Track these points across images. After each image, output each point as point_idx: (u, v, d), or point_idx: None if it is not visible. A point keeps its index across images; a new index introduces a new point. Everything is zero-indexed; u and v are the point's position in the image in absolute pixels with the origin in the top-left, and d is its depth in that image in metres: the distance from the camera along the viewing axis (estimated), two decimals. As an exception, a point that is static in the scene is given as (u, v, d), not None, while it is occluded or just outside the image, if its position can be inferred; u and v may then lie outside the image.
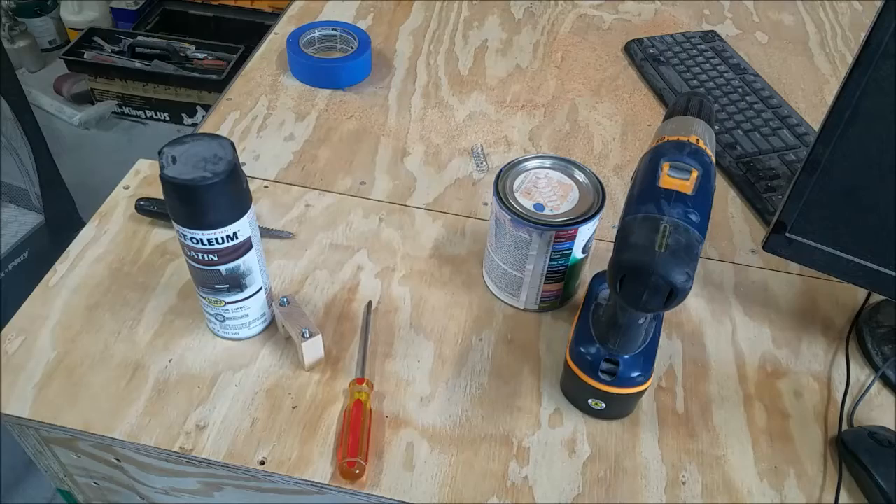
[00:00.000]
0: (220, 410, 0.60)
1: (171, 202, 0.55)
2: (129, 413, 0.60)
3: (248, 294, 0.62)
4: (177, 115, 2.20)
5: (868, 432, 0.60)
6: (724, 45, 1.04)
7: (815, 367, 0.67)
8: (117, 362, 0.63)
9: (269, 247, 0.74)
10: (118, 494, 0.70)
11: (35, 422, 0.60)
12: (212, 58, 2.16)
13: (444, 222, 0.78)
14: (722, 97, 0.95)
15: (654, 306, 0.50)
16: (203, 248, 0.56)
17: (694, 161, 0.54)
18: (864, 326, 0.69)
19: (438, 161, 0.86)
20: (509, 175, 0.66)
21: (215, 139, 0.55)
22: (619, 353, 0.57)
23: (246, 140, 0.87)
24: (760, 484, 0.59)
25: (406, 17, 1.09)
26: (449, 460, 0.58)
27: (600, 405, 0.60)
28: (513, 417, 0.61)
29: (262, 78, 0.96)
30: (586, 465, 0.59)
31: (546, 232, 0.62)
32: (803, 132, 0.89)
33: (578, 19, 1.12)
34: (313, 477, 0.57)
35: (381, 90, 0.96)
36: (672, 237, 0.49)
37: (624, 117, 0.94)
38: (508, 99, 0.95)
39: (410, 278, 0.72)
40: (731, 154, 0.87)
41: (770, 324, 0.70)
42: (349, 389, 0.61)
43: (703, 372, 0.66)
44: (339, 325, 0.67)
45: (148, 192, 0.78)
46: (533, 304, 0.69)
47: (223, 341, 0.65)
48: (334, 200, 0.80)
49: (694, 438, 0.61)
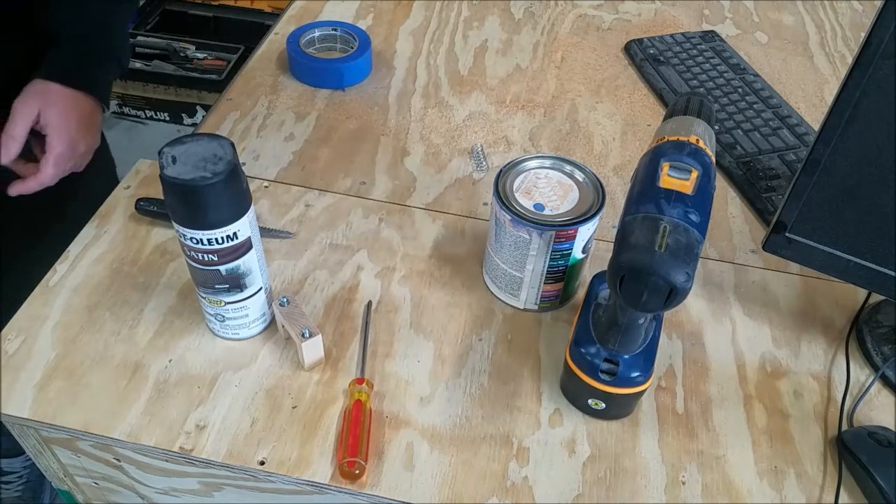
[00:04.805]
0: (220, 410, 0.60)
1: (171, 202, 0.55)
2: (129, 413, 0.60)
3: (248, 294, 0.62)
4: (177, 115, 2.19)
5: (868, 432, 0.60)
6: (724, 45, 1.04)
7: (815, 367, 0.67)
8: (117, 362, 0.63)
9: (269, 247, 0.74)
10: (118, 494, 0.70)
11: (35, 422, 0.60)
12: (212, 58, 2.16)
13: (444, 222, 0.78)
14: (722, 97, 0.95)
15: (654, 306, 0.50)
16: (203, 248, 0.56)
17: (694, 161, 0.54)
18: (864, 326, 0.69)
19: (438, 161, 0.86)
20: (509, 175, 0.66)
21: (215, 139, 0.55)
22: (619, 353, 0.57)
23: (246, 140, 0.87)
24: (760, 484, 0.59)
25: (406, 17, 1.09)
26: (449, 460, 0.58)
27: (600, 405, 0.60)
28: (513, 417, 0.61)
29: (262, 78, 0.96)
30: (586, 465, 0.59)
31: (546, 232, 0.62)
32: (803, 132, 0.89)
33: (578, 19, 1.12)
34: (313, 477, 0.57)
35: (381, 90, 0.96)
36: (672, 237, 0.49)
37: (624, 117, 0.94)
38: (508, 99, 0.95)
39: (410, 278, 0.72)
40: (731, 154, 0.87)
41: (770, 324, 0.70)
42: (349, 389, 0.61)
43: (703, 372, 0.66)
44: (339, 325, 0.67)
45: (148, 192, 0.78)
46: (533, 304, 0.69)
47: (223, 341, 0.65)
48: (334, 200, 0.80)
49: (694, 438, 0.61)
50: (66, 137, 0.77)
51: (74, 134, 0.78)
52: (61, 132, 0.77)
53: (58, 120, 0.77)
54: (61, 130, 0.77)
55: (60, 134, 0.77)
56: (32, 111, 0.76)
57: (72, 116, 0.78)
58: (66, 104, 0.78)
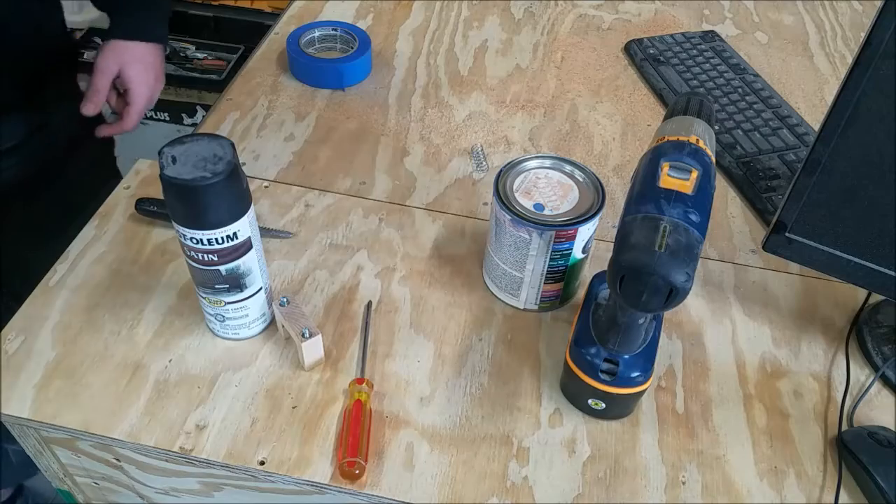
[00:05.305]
0: (220, 410, 0.60)
1: (171, 202, 0.55)
2: (129, 413, 0.60)
3: (248, 294, 0.62)
4: (177, 115, 2.19)
5: (868, 432, 0.60)
6: (724, 45, 1.04)
7: (815, 367, 0.67)
8: (117, 362, 0.63)
9: (269, 247, 0.74)
10: (118, 494, 0.70)
11: (35, 422, 0.60)
12: (212, 58, 2.16)
13: (444, 222, 0.78)
14: (722, 97, 0.95)
15: (654, 306, 0.50)
16: (203, 248, 0.56)
17: (694, 161, 0.54)
18: (864, 326, 0.69)
19: (438, 161, 0.86)
20: (509, 175, 0.66)
21: (215, 139, 0.55)
22: (619, 353, 0.57)
23: (246, 140, 0.87)
24: (760, 484, 0.58)
25: (406, 17, 1.09)
26: (449, 460, 0.58)
27: (600, 405, 0.60)
28: (513, 417, 0.61)
29: (262, 78, 0.96)
30: (586, 465, 0.59)
31: (546, 232, 0.62)
32: (803, 132, 0.89)
33: (578, 19, 1.12)
34: (313, 477, 0.57)
35: (381, 90, 0.96)
36: (672, 237, 0.49)
37: (624, 117, 0.94)
38: (508, 99, 0.95)
39: (410, 278, 0.72)
40: (731, 154, 0.87)
41: (770, 324, 0.70)
42: (349, 389, 0.61)
43: (703, 372, 0.66)
44: (339, 325, 0.67)
45: (148, 192, 0.78)
46: (533, 304, 0.69)
47: (223, 341, 0.65)
48: (334, 200, 0.80)
49: (694, 438, 0.61)
50: (147, 90, 0.92)
51: (154, 84, 0.93)
52: (142, 85, 0.91)
53: (138, 75, 0.91)
54: (142, 84, 0.91)
55: (142, 87, 0.91)
56: (114, 68, 0.89)
57: (149, 70, 0.92)
58: (143, 59, 0.91)
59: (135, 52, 0.91)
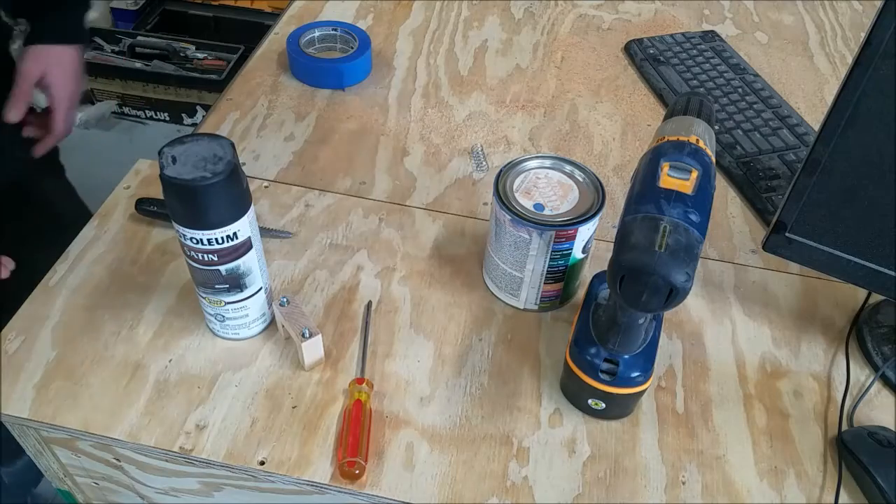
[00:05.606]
0: (219, 410, 0.60)
1: (171, 202, 0.55)
2: (129, 413, 0.60)
3: (248, 294, 0.62)
4: (177, 115, 2.19)
5: (868, 432, 0.60)
6: (724, 45, 1.04)
7: (815, 367, 0.67)
8: (117, 362, 0.63)
9: (269, 247, 0.74)
10: (118, 494, 0.70)
11: (35, 422, 0.60)
12: (212, 58, 2.16)
13: (444, 222, 0.78)
14: (722, 97, 0.95)
15: (654, 306, 0.50)
16: (203, 248, 0.56)
17: (694, 161, 0.54)
18: (864, 326, 0.69)
19: (438, 161, 0.86)
20: (509, 175, 0.66)
21: (215, 139, 0.55)
22: (619, 353, 0.57)
23: (246, 140, 0.87)
24: (760, 484, 0.59)
25: (406, 17, 1.09)
26: (449, 460, 0.58)
27: (600, 405, 0.60)
28: (513, 417, 0.61)
29: (262, 78, 0.96)
30: (586, 465, 0.59)
31: (546, 232, 0.62)
32: (803, 132, 0.89)
33: (578, 19, 1.12)
34: (313, 477, 0.57)
35: (381, 90, 0.96)
36: (672, 237, 0.49)
37: (624, 117, 0.94)
38: (508, 99, 0.95)
39: (410, 278, 0.72)
40: (731, 154, 0.87)
41: (770, 324, 0.70)
42: (349, 389, 0.61)
43: (703, 372, 0.66)
44: (339, 325, 0.67)
45: (148, 192, 0.78)
46: (533, 304, 0.69)
47: (223, 341, 0.65)
48: (334, 200, 0.80)
49: (694, 438, 0.61)
50: (69, 92, 0.91)
51: (75, 86, 0.92)
52: (64, 89, 0.90)
53: (58, 79, 0.89)
54: (64, 87, 0.90)
55: (64, 90, 0.90)
56: (36, 73, 0.88)
57: (69, 72, 0.91)
58: (63, 62, 0.90)
59: (56, 56, 0.90)
